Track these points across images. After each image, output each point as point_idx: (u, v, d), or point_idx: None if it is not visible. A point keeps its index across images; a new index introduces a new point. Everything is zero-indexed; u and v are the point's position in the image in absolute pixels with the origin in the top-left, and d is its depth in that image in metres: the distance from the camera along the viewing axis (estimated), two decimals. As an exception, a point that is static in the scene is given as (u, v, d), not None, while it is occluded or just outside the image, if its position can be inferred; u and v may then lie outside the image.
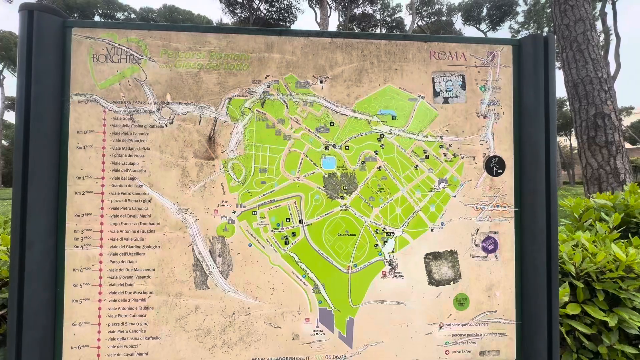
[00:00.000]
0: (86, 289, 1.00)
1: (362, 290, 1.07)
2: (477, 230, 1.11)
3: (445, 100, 1.11)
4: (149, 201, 1.03)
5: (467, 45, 1.12)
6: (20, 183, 0.94)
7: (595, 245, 1.66)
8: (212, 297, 1.03)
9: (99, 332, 1.00)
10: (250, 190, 1.06)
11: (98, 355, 1.00)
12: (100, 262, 1.01)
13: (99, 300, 1.00)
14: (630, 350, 1.33)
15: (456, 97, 1.11)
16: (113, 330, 1.00)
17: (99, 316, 1.00)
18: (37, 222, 0.96)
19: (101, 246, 1.01)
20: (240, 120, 1.06)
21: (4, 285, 1.37)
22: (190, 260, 1.03)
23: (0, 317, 1.35)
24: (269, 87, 1.07)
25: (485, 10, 33.57)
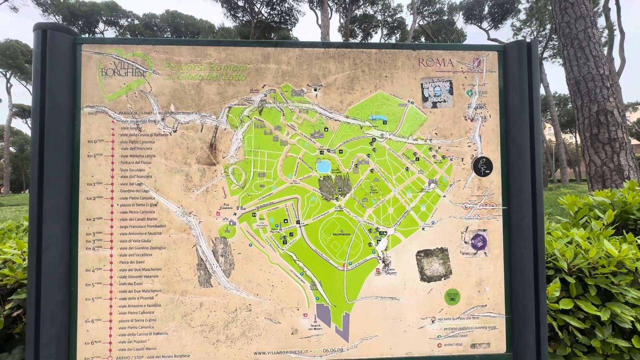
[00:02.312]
0: (98, 288, 1.07)
1: (357, 287, 1.13)
2: (467, 228, 1.16)
3: (434, 105, 1.16)
4: (155, 205, 1.09)
5: (454, 52, 1.17)
6: (37, 191, 1.01)
7: (590, 242, 1.69)
8: (216, 295, 1.10)
9: (110, 328, 1.07)
10: (249, 194, 1.12)
11: (110, 350, 1.06)
12: (111, 262, 1.08)
13: (110, 299, 1.07)
14: (623, 344, 1.36)
15: (444, 101, 1.16)
16: (123, 327, 1.07)
17: (110, 313, 1.07)
18: (53, 227, 1.03)
19: (111, 248, 1.08)
20: (239, 128, 1.12)
21: (20, 287, 1.45)
22: (195, 260, 1.10)
23: (15, 317, 1.43)
24: (266, 96, 1.13)
25: (486, 9, 33.44)
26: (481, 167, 1.16)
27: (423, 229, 1.15)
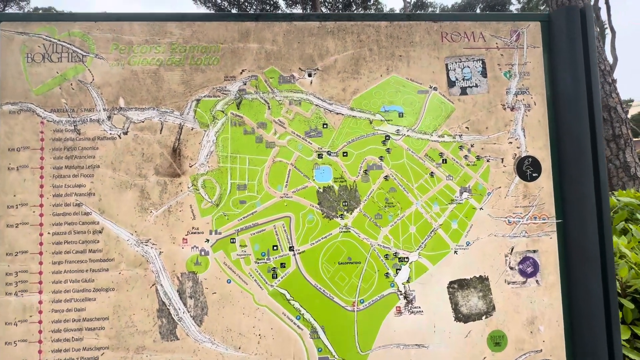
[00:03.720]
0: (22, 348, 0.79)
1: (373, 332, 0.86)
2: (512, 249, 0.90)
3: (463, 91, 0.92)
4: (100, 232, 0.83)
5: (486, 23, 0.92)
6: None
7: (635, 253, 1.44)
8: (183, 350, 0.82)
9: (39, 403, 0.79)
10: (226, 213, 0.86)
11: None
12: (40, 312, 0.80)
13: (39, 362, 0.79)
14: (695, 380, 1.10)
15: (476, 86, 0.92)
16: (57, 400, 0.79)
17: (40, 382, 0.79)
18: (-46, 267, 0.75)
19: (41, 292, 0.81)
20: (211, 127, 0.87)
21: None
22: (154, 305, 0.83)
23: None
24: (245, 84, 0.88)
25: (478, 10, 33.82)
26: (527, 169, 0.91)
27: (455, 252, 0.89)
